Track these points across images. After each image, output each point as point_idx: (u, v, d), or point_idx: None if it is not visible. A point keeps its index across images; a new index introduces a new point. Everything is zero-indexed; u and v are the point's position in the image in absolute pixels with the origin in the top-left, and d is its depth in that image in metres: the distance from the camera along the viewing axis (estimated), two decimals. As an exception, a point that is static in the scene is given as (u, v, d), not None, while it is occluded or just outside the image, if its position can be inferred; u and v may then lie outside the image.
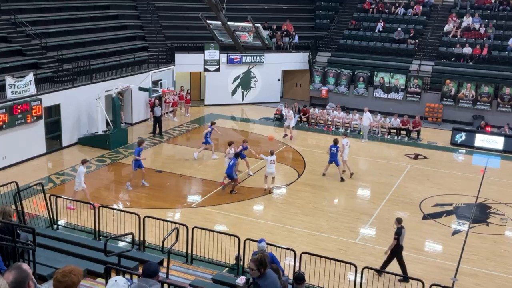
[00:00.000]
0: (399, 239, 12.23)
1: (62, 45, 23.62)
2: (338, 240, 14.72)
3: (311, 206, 16.88)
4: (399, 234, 12.24)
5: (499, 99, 26.58)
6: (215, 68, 29.40)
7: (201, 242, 12.01)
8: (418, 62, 29.06)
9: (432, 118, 27.38)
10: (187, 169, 19.86)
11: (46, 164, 20.32)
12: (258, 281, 6.45)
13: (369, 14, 32.98)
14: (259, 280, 6.45)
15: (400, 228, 12.38)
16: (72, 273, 4.19)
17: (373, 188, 18.89)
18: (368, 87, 29.11)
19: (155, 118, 24.45)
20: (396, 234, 12.27)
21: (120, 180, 19.34)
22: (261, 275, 6.44)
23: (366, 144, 24.27)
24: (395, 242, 12.28)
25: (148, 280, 5.77)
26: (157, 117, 24.40)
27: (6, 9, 23.04)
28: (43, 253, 9.61)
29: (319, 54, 31.65)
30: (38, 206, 13.90)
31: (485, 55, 28.26)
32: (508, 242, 15.38)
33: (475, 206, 17.45)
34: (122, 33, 28.13)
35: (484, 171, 20.94)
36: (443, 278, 12.58)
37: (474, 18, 30.35)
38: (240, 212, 16.32)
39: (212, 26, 15.63)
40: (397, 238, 12.22)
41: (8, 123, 18.75)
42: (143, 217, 12.05)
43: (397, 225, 12.43)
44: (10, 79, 19.02)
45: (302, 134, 25.11)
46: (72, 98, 21.62)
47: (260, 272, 6.43)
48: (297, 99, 30.46)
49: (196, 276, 10.84)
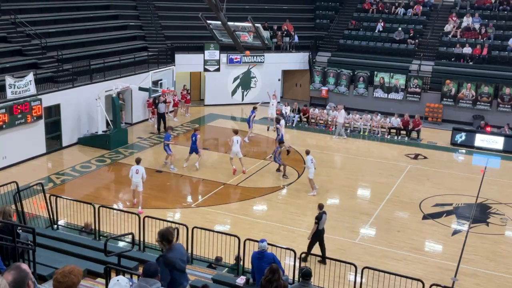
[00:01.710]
0: (319, 224, 12.90)
1: (62, 45, 23.62)
2: (338, 240, 14.72)
3: (311, 206, 16.87)
4: (319, 219, 12.95)
5: (499, 99, 26.58)
6: (215, 68, 29.40)
7: (201, 242, 12.01)
8: (418, 62, 29.06)
9: (432, 118, 27.38)
10: (187, 169, 19.84)
11: (46, 164, 20.32)
12: (165, 254, 6.95)
13: (369, 14, 32.98)
14: (166, 252, 6.95)
15: (321, 213, 13.08)
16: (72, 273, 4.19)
17: (373, 188, 18.89)
18: (368, 87, 29.12)
19: (159, 115, 24.61)
20: (316, 219, 12.98)
21: (120, 180, 19.33)
22: (169, 249, 6.95)
23: (366, 144, 24.29)
24: (315, 227, 12.96)
25: (148, 280, 5.78)
26: (161, 114, 24.56)
27: (6, 9, 23.03)
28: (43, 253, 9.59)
29: (319, 54, 31.65)
30: (38, 206, 13.90)
31: (485, 55, 28.26)
32: (508, 242, 15.38)
33: (475, 206, 17.46)
34: (122, 33, 28.13)
35: (484, 171, 20.94)
36: (443, 278, 12.59)
37: (474, 18, 30.35)
38: (240, 212, 16.32)
39: (212, 26, 15.62)
40: (317, 223, 12.93)
41: (8, 123, 18.75)
42: (143, 217, 12.05)
43: (319, 211, 13.17)
44: (10, 79, 19.01)
45: (302, 134, 25.12)
46: (72, 98, 21.62)
47: (164, 245, 6.97)
48: (297, 99, 30.46)
49: (196, 276, 10.83)
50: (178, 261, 6.98)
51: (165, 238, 6.96)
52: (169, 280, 6.84)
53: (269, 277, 7.49)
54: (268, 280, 7.48)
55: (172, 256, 6.94)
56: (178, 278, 7.01)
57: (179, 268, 7.00)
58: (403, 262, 13.56)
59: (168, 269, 6.85)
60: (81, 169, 19.52)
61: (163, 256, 6.98)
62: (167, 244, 6.99)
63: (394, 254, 14.03)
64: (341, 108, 25.28)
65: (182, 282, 7.12)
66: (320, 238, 13.18)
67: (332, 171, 20.75)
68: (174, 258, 6.95)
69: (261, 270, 8.65)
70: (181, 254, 7.12)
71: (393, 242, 14.66)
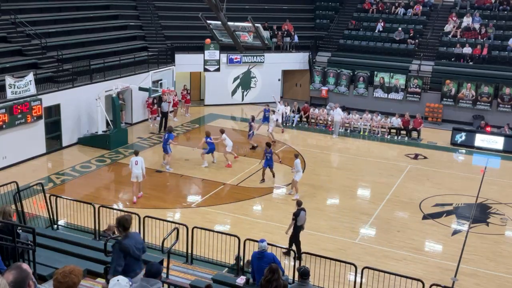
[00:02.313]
0: (297, 220, 13.09)
1: (62, 45, 23.62)
2: (338, 240, 14.73)
3: (311, 206, 16.86)
4: (297, 215, 13.14)
5: (499, 99, 26.58)
6: (215, 68, 29.40)
7: (201, 242, 12.01)
8: (418, 62, 29.07)
9: (432, 118, 27.39)
10: (187, 169, 19.86)
11: (46, 164, 20.32)
12: (123, 241, 7.23)
13: (369, 14, 32.99)
14: (123, 240, 7.24)
15: (299, 210, 13.23)
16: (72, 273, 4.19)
17: (373, 188, 18.89)
18: (368, 87, 29.12)
19: (163, 114, 24.74)
20: (294, 215, 13.20)
21: (120, 180, 19.34)
22: (125, 236, 7.26)
23: (366, 144, 24.30)
24: (292, 223, 13.22)
25: (150, 279, 5.79)
26: (164, 113, 24.69)
27: (6, 9, 23.03)
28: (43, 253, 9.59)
29: (319, 54, 31.66)
30: (38, 206, 13.91)
31: (485, 55, 28.26)
32: (508, 242, 15.38)
33: (475, 206, 17.46)
34: (122, 33, 28.13)
35: (484, 171, 20.94)
36: (443, 278, 12.59)
37: (474, 18, 30.35)
38: (240, 212, 16.32)
39: (212, 26, 15.62)
40: (294, 219, 13.13)
41: (8, 123, 18.75)
42: (143, 217, 12.05)
43: (297, 207, 13.34)
44: (10, 79, 19.01)
45: (302, 134, 25.12)
46: (72, 98, 21.62)
47: (120, 232, 7.32)
48: (297, 99, 30.45)
49: (196, 276, 10.83)
50: (133, 248, 7.22)
51: (121, 225, 7.26)
52: (123, 266, 7.14)
53: (269, 277, 7.49)
54: (267, 280, 7.48)
55: (127, 242, 7.21)
56: (132, 265, 7.26)
57: (133, 255, 7.23)
58: (403, 262, 13.56)
59: (123, 255, 7.15)
60: (81, 169, 19.52)
61: (118, 242, 7.27)
62: (123, 231, 7.29)
63: (394, 254, 14.04)
64: (337, 106, 25.33)
65: (136, 270, 7.33)
66: (297, 235, 13.33)
67: (332, 171, 20.76)
68: (129, 245, 7.20)
69: (261, 270, 8.65)
70: (137, 242, 7.37)
71: (393, 242, 14.67)
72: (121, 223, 7.28)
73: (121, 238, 7.36)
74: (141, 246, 7.48)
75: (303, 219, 13.30)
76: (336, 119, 24.80)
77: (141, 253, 7.47)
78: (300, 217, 13.19)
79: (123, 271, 7.14)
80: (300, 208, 13.32)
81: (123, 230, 7.31)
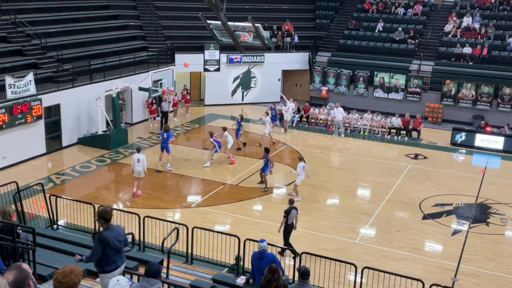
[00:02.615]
0: (288, 218, 13.17)
1: (62, 45, 23.61)
2: (338, 240, 14.73)
3: (311, 206, 16.88)
4: (288, 213, 13.20)
5: (499, 99, 26.59)
6: (215, 68, 29.40)
7: (201, 242, 12.01)
8: (418, 62, 29.07)
9: (432, 118, 27.39)
10: (187, 169, 19.86)
11: (46, 164, 20.32)
12: (103, 232, 7.39)
13: (369, 14, 32.98)
14: (104, 231, 7.40)
15: (291, 208, 13.30)
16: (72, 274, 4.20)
17: (373, 188, 18.89)
18: (368, 87, 29.12)
19: (163, 113, 24.78)
20: (285, 213, 13.24)
21: (120, 180, 19.35)
22: (106, 227, 7.41)
23: (366, 144, 24.31)
24: (283, 221, 13.29)
25: (149, 279, 5.79)
26: (165, 112, 24.76)
27: (6, 9, 23.03)
28: (43, 253, 9.60)
29: (319, 54, 31.65)
30: (38, 206, 13.91)
31: (485, 55, 28.26)
32: (508, 242, 15.38)
33: (475, 206, 17.46)
34: (122, 33, 28.13)
35: (484, 171, 20.94)
36: (443, 278, 12.59)
37: (474, 18, 30.35)
38: (240, 212, 16.32)
39: (212, 26, 15.63)
40: (286, 217, 13.20)
41: (8, 123, 18.75)
42: (143, 217, 12.05)
43: (289, 205, 13.43)
44: (10, 79, 19.01)
45: (302, 134, 25.11)
46: (72, 98, 21.62)
47: (101, 224, 7.44)
48: (297, 99, 30.42)
49: (196, 276, 10.84)
50: (113, 240, 7.35)
51: (102, 217, 7.39)
52: (99, 256, 7.35)
53: (269, 277, 7.49)
54: (267, 280, 7.48)
55: (108, 234, 7.35)
56: (112, 256, 7.41)
57: (113, 247, 7.37)
58: (403, 262, 13.56)
59: (102, 247, 7.30)
60: (81, 169, 19.52)
61: (99, 233, 7.49)
62: (104, 222, 7.43)
63: (394, 254, 14.03)
64: (338, 105, 25.36)
65: (117, 261, 7.49)
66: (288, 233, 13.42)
67: (332, 171, 20.76)
68: (110, 236, 7.34)
69: (261, 270, 8.65)
70: (118, 234, 7.51)
71: (393, 242, 14.67)
72: (102, 215, 7.40)
73: (101, 230, 7.49)
74: (122, 239, 7.59)
75: (293, 217, 13.39)
76: (337, 118, 24.83)
77: (122, 245, 7.58)
78: (291, 215, 13.27)
79: (105, 263, 7.39)
80: (292, 207, 13.39)
81: (104, 222, 7.41)
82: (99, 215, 7.47)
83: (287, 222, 13.29)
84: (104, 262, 7.42)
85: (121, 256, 7.63)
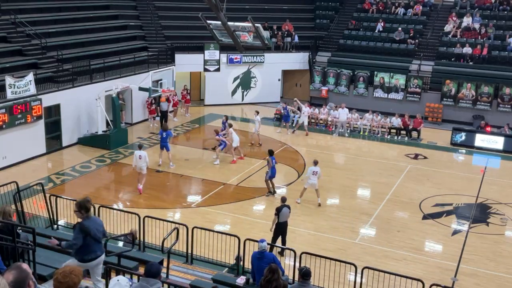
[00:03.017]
0: (279, 216, 13.24)
1: (62, 45, 23.61)
2: (338, 240, 14.73)
3: (311, 206, 16.88)
4: (279, 211, 13.29)
5: (499, 99, 26.58)
6: (215, 68, 29.41)
7: (201, 242, 12.01)
8: (418, 62, 29.06)
9: (432, 118, 27.39)
10: (187, 169, 19.86)
11: (46, 164, 20.32)
12: (83, 222, 7.67)
13: (369, 14, 32.98)
14: (84, 221, 7.68)
15: (282, 206, 13.36)
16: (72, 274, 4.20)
17: (373, 188, 18.89)
18: (368, 87, 29.12)
19: (162, 113, 24.74)
20: (276, 211, 13.36)
21: (120, 180, 19.35)
22: (86, 217, 7.70)
23: (366, 144, 24.30)
24: (275, 218, 13.37)
25: (149, 279, 5.79)
26: (164, 112, 24.73)
27: (6, 9, 23.03)
28: (43, 253, 9.59)
29: (319, 54, 31.65)
30: (38, 206, 13.91)
31: (485, 55, 28.26)
32: (508, 242, 15.38)
33: (475, 206, 17.46)
34: (122, 33, 28.13)
35: (484, 171, 20.94)
36: (443, 278, 12.59)
37: (474, 18, 30.35)
38: (240, 212, 16.32)
39: (212, 26, 15.63)
40: (277, 214, 13.29)
41: (8, 123, 18.75)
42: (143, 217, 12.05)
43: (281, 203, 13.54)
44: (10, 79, 19.01)
45: (302, 134, 25.10)
46: (72, 98, 21.62)
47: (82, 214, 7.68)
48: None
49: (196, 276, 10.84)
50: (93, 229, 7.69)
51: (83, 207, 7.69)
52: (80, 244, 7.61)
53: (269, 277, 7.48)
54: (267, 280, 7.47)
55: (88, 223, 7.68)
56: (92, 245, 7.74)
57: (93, 236, 7.69)
58: (403, 262, 13.57)
59: (83, 235, 7.60)
60: (81, 169, 19.52)
61: (80, 223, 7.71)
62: (85, 212, 7.72)
63: (394, 254, 14.04)
64: (344, 106, 25.40)
65: (96, 251, 7.83)
66: (282, 231, 13.43)
67: (332, 171, 20.73)
68: (90, 226, 7.67)
69: (261, 270, 8.65)
70: (97, 225, 7.90)
71: (393, 242, 14.67)
72: (83, 205, 7.69)
73: (82, 219, 7.72)
74: (101, 229, 7.94)
75: (285, 216, 13.41)
76: (342, 118, 24.83)
77: (101, 235, 7.93)
78: (282, 213, 13.32)
79: (85, 252, 7.69)
80: (284, 205, 13.44)
81: (85, 212, 7.70)
82: (79, 206, 7.70)
83: (278, 220, 13.33)
84: (84, 251, 7.70)
85: (100, 246, 7.95)
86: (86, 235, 7.61)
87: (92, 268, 7.93)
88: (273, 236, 13.39)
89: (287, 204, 13.57)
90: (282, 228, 13.44)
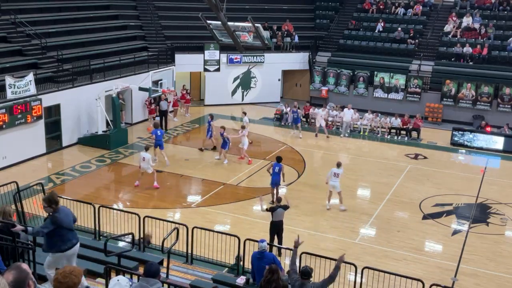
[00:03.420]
0: (273, 216, 13.38)
1: (62, 45, 23.61)
2: (338, 240, 14.73)
3: (311, 206, 16.88)
4: (272, 210, 13.44)
5: (499, 99, 26.58)
6: (215, 68, 29.40)
7: (201, 242, 12.01)
8: (418, 62, 29.06)
9: (432, 118, 27.38)
10: (187, 169, 19.86)
11: (46, 164, 20.32)
12: (55, 214, 7.94)
13: (369, 14, 32.99)
14: (55, 213, 7.95)
15: (277, 206, 13.46)
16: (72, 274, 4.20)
17: (373, 188, 18.89)
18: (368, 87, 29.12)
19: (161, 112, 24.69)
20: (270, 210, 13.55)
21: (120, 180, 19.35)
22: (56, 210, 7.97)
23: (366, 144, 24.30)
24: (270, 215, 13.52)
25: (149, 279, 5.79)
26: (163, 111, 24.67)
27: (6, 9, 23.03)
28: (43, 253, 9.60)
29: (319, 54, 31.65)
30: (38, 206, 13.90)
31: (485, 55, 28.26)
32: (508, 242, 15.38)
33: (475, 206, 17.46)
34: (122, 33, 28.13)
35: (484, 171, 20.94)
36: (443, 278, 12.59)
37: (474, 18, 30.35)
38: (240, 212, 16.32)
39: (212, 26, 15.63)
40: (269, 211, 13.51)
41: (8, 123, 18.75)
42: (143, 217, 12.05)
43: (276, 204, 13.65)
44: (10, 79, 19.01)
45: (302, 134, 25.07)
46: (72, 98, 21.62)
47: (53, 208, 7.95)
48: (297, 99, 30.44)
49: (196, 276, 10.84)
50: (65, 220, 8.05)
51: (53, 202, 7.99)
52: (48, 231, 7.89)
53: (269, 277, 7.48)
54: (267, 281, 7.47)
55: (59, 216, 7.99)
56: (66, 234, 8.06)
57: (66, 226, 8.06)
58: (403, 262, 13.57)
59: (54, 227, 7.90)
60: (81, 169, 19.52)
61: (52, 215, 7.98)
62: (55, 206, 8.01)
63: (394, 254, 14.04)
64: (350, 107, 25.38)
65: (71, 239, 8.14)
66: (277, 230, 13.48)
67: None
68: (62, 218, 8.00)
69: (261, 270, 8.65)
70: (67, 214, 8.24)
71: (393, 242, 14.67)
72: (53, 199, 8.00)
73: (54, 212, 7.99)
74: (71, 217, 8.31)
75: (279, 216, 13.46)
76: (346, 119, 24.81)
77: (72, 222, 8.28)
78: (276, 213, 13.38)
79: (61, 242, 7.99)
80: (279, 205, 13.53)
81: (56, 205, 8.00)
82: (49, 201, 7.95)
83: (273, 219, 13.43)
84: (60, 242, 7.99)
85: (75, 234, 8.26)
86: (59, 227, 7.91)
87: (69, 257, 8.14)
88: (270, 236, 13.45)
89: (283, 205, 13.59)
90: (276, 226, 13.49)
